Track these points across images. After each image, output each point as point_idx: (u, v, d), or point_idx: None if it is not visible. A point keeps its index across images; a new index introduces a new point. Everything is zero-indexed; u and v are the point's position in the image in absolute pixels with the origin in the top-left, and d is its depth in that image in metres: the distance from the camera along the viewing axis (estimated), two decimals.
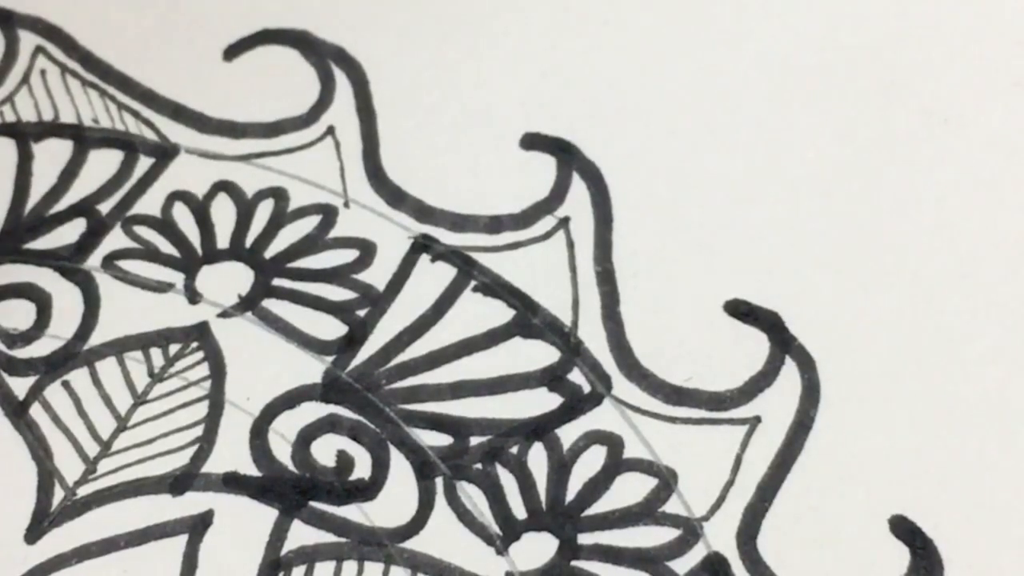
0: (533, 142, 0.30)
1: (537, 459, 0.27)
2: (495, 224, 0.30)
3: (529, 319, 0.28)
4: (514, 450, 0.27)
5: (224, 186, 0.31)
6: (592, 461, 0.27)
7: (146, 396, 0.29)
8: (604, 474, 0.27)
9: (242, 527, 0.27)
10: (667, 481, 0.26)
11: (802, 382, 0.27)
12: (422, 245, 0.29)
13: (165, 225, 0.31)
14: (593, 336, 0.28)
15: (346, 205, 0.30)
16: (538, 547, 0.26)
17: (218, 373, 0.29)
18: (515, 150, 0.30)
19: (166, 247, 0.30)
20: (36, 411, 0.29)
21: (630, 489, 0.27)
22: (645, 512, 0.26)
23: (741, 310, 0.28)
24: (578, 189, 0.30)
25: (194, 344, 0.29)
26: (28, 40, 0.33)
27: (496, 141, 0.31)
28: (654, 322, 0.28)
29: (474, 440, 0.27)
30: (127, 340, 0.29)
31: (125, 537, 0.27)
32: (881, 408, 0.26)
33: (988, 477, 0.25)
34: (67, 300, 0.30)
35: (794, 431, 0.26)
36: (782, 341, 0.27)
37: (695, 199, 0.29)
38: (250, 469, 0.28)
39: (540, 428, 0.27)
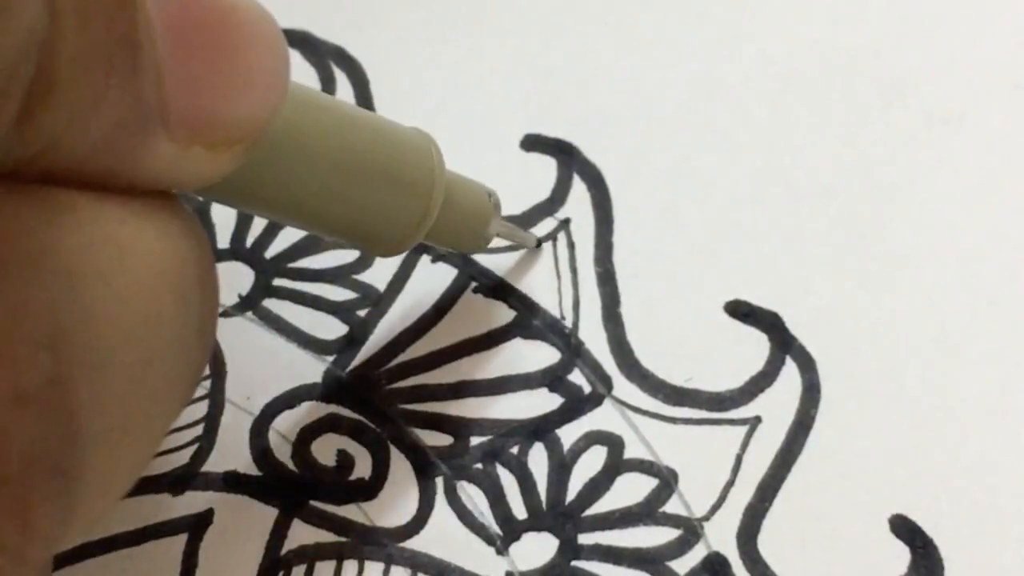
0: (534, 143, 0.30)
1: (537, 459, 0.27)
2: None
3: (530, 320, 0.28)
4: (514, 450, 0.27)
5: None
6: (592, 461, 0.27)
7: None
8: (604, 474, 0.27)
9: (242, 526, 0.27)
10: (667, 481, 0.26)
11: (802, 382, 0.27)
12: (422, 246, 0.29)
13: None
14: (593, 337, 0.28)
15: None
16: (538, 547, 0.26)
17: (218, 372, 0.29)
18: (516, 151, 0.30)
19: None
20: None
21: (630, 489, 0.27)
22: (645, 512, 0.26)
23: (741, 310, 0.28)
24: (579, 191, 0.30)
25: None
26: None
27: (496, 142, 0.31)
28: (654, 323, 0.28)
29: (474, 440, 0.27)
30: None
31: (124, 536, 0.27)
32: (881, 408, 0.26)
33: (988, 477, 0.25)
34: None
35: (794, 431, 0.26)
36: (782, 341, 0.27)
37: (696, 200, 0.29)
38: (250, 468, 0.28)
39: (540, 428, 0.27)
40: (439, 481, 0.27)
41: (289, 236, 0.30)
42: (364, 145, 0.22)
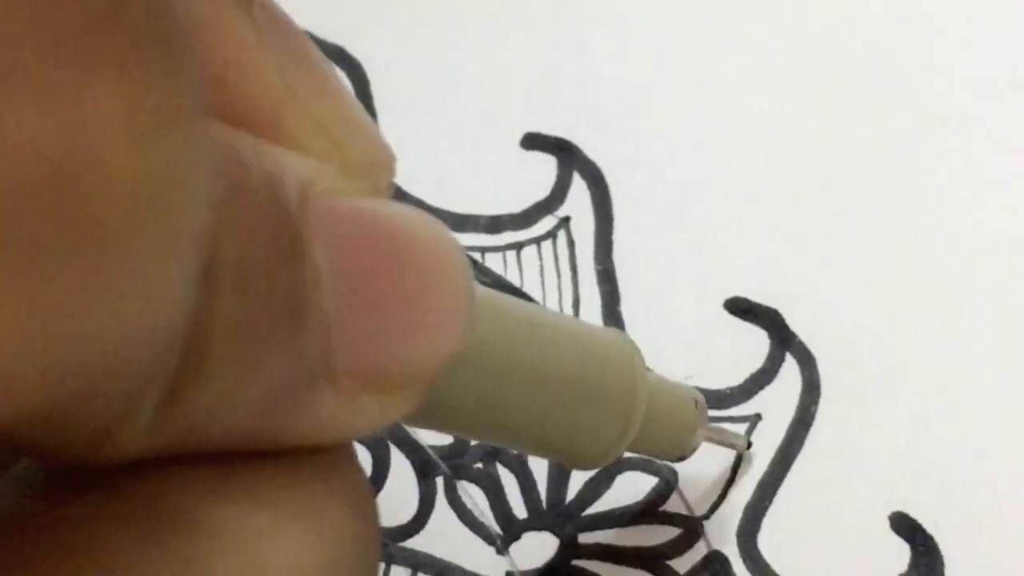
0: (533, 142, 0.30)
1: (537, 458, 0.27)
2: (496, 224, 0.30)
3: None
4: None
5: None
6: None
7: None
8: (604, 473, 0.27)
9: None
10: (667, 480, 0.26)
11: (802, 379, 0.27)
12: None
13: None
14: None
15: None
16: (539, 546, 0.26)
17: None
18: (515, 150, 0.30)
19: None
20: None
21: (630, 488, 0.27)
22: (646, 511, 0.26)
23: (741, 308, 0.28)
24: (579, 189, 0.30)
25: None
26: None
27: (496, 141, 0.31)
28: (654, 320, 0.28)
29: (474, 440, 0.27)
30: None
31: None
32: (882, 405, 0.26)
33: (989, 474, 0.25)
34: None
35: (794, 428, 0.26)
36: (782, 338, 0.27)
37: (695, 198, 0.29)
38: None
39: None
40: (439, 481, 0.27)
41: None
42: (562, 359, 0.20)
